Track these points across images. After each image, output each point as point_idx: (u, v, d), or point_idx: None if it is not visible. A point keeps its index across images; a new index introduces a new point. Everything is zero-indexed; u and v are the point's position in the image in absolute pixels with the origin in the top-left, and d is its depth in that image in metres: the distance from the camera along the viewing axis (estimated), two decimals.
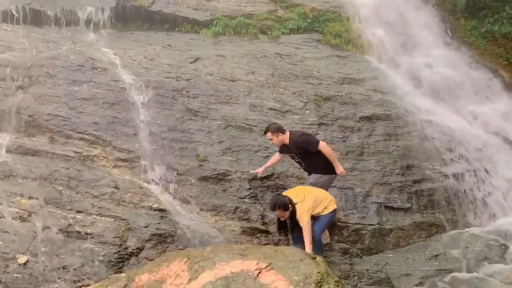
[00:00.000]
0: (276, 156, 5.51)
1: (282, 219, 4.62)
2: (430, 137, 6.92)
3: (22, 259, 4.04)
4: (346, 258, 5.00)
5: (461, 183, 6.46)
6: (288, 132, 5.22)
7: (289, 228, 4.59)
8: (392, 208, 5.87)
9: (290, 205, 4.45)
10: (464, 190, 6.40)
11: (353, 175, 6.04)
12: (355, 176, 6.04)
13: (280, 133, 5.15)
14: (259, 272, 2.57)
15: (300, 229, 4.53)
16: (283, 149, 5.32)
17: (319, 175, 5.06)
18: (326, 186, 5.10)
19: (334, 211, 4.80)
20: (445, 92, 8.01)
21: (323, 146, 5.02)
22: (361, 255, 5.25)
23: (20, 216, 4.46)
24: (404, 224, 5.74)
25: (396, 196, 6.00)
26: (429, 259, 5.30)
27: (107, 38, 7.62)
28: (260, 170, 5.53)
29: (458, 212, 6.18)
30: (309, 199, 4.55)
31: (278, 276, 2.57)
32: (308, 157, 5.06)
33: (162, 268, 2.89)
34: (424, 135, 6.92)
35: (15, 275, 3.92)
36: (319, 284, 2.83)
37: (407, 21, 8.99)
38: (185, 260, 2.88)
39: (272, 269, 2.59)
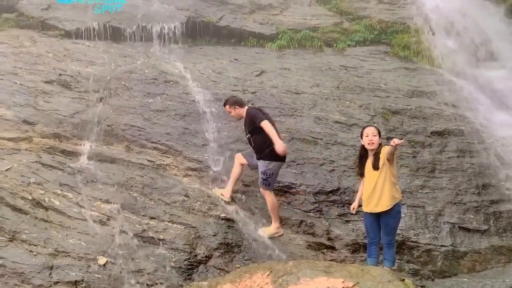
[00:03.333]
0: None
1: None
2: (509, 154, 6.47)
3: (102, 260, 4.29)
4: (417, 280, 4.77)
5: None
6: (247, 107, 5.37)
7: (373, 164, 4.34)
8: (467, 230, 5.53)
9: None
10: None
11: (424, 192, 5.79)
12: (426, 194, 5.78)
13: (237, 106, 5.32)
14: None
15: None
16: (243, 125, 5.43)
17: (268, 161, 5.06)
18: (275, 173, 5.16)
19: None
20: None
21: (264, 124, 5.02)
22: (432, 277, 4.99)
23: (100, 220, 4.74)
24: (480, 247, 5.39)
25: (472, 216, 5.65)
26: None
27: (178, 53, 7.99)
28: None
29: None
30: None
31: None
32: (256, 133, 5.13)
33: (244, 279, 2.92)
34: (502, 153, 6.47)
35: (95, 275, 4.17)
36: None
37: (483, 32, 8.52)
38: (267, 273, 2.88)
39: None
